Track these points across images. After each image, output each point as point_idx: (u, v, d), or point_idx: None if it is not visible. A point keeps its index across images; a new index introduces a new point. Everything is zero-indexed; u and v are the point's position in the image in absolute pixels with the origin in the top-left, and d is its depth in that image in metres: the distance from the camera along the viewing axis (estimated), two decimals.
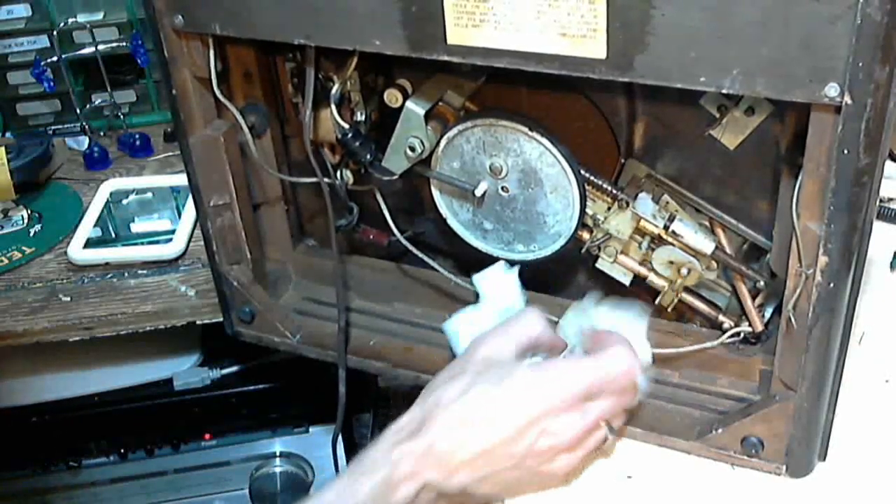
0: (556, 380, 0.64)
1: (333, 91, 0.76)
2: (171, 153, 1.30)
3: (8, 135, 1.35)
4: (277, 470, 1.28)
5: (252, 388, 1.23)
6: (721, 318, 0.77)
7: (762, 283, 0.75)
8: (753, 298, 0.77)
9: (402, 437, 0.64)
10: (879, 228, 0.80)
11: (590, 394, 0.65)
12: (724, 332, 0.76)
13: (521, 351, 0.68)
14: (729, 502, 0.72)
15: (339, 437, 1.03)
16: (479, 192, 0.76)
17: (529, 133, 0.72)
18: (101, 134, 1.33)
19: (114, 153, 1.31)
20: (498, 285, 0.76)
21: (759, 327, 0.76)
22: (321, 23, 0.64)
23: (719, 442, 0.73)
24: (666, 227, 0.76)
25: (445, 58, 0.62)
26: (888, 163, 0.75)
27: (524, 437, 0.63)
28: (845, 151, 0.56)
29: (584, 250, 0.78)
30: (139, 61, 1.26)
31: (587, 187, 0.76)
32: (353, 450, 1.25)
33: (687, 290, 0.78)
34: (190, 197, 0.87)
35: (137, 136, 1.31)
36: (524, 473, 0.65)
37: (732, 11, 0.53)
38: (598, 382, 0.65)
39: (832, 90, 0.53)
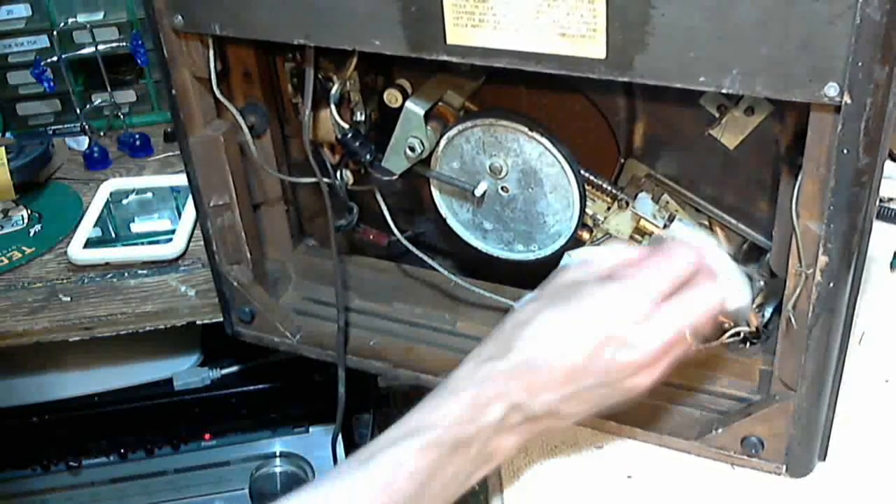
0: (626, 289, 0.63)
1: (333, 91, 0.76)
2: (171, 153, 1.30)
3: (8, 135, 1.35)
4: (277, 470, 1.28)
5: (252, 388, 1.23)
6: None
7: (762, 283, 0.75)
8: (752, 298, 0.76)
9: (484, 357, 0.63)
10: (879, 228, 0.80)
11: (659, 296, 0.63)
12: (724, 331, 0.76)
13: (607, 274, 0.65)
14: (729, 502, 0.72)
15: (339, 437, 1.03)
16: (478, 192, 0.76)
17: (529, 133, 0.72)
18: (101, 134, 1.33)
19: (114, 153, 1.31)
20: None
21: (754, 325, 0.76)
22: (321, 23, 0.64)
23: (719, 442, 0.73)
24: (666, 227, 0.76)
25: (445, 58, 0.62)
26: (888, 163, 0.75)
27: (603, 352, 0.62)
28: (845, 151, 0.56)
29: None
30: (139, 61, 1.26)
31: (587, 187, 0.76)
32: (353, 450, 1.25)
33: None
34: (190, 197, 0.87)
35: (137, 136, 1.31)
36: (609, 390, 0.63)
37: (732, 11, 0.53)
38: (664, 280, 0.63)
39: (832, 90, 0.53)
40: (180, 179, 1.20)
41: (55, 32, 1.25)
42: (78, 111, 1.29)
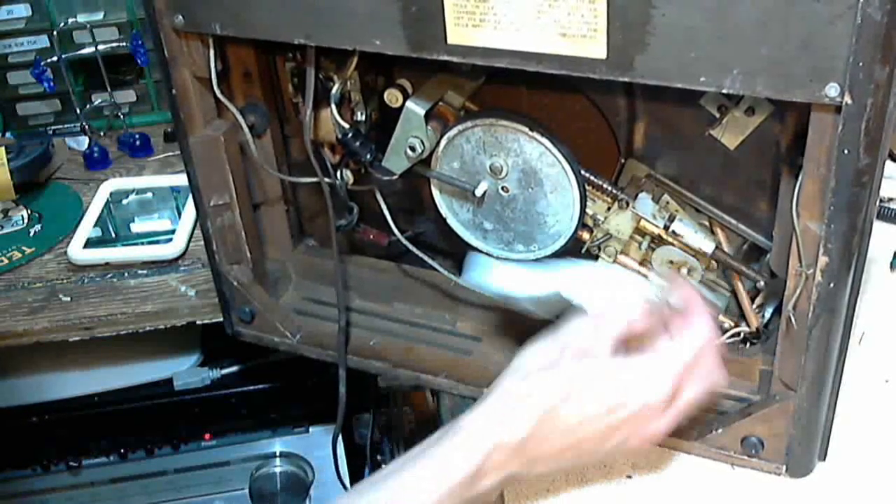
0: (649, 377, 0.63)
1: (333, 91, 0.76)
2: (171, 153, 1.30)
3: (8, 135, 1.35)
4: (277, 470, 1.28)
5: (252, 388, 1.23)
6: (721, 318, 0.77)
7: (762, 283, 0.75)
8: (752, 298, 0.77)
9: (490, 422, 0.63)
10: (879, 228, 0.80)
11: (679, 386, 0.64)
12: (724, 332, 0.76)
13: (616, 344, 0.65)
14: (729, 502, 0.72)
15: (339, 437, 1.03)
16: (479, 192, 0.76)
17: (529, 133, 0.72)
18: (101, 134, 1.33)
19: (114, 153, 1.31)
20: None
21: (754, 325, 0.76)
22: (321, 23, 0.64)
23: (719, 442, 0.73)
24: (666, 227, 0.76)
25: (445, 58, 0.62)
26: (888, 163, 0.75)
27: (616, 435, 0.63)
28: (845, 151, 0.56)
29: (584, 250, 0.78)
30: (139, 61, 1.26)
31: (587, 187, 0.76)
32: (353, 450, 1.26)
33: None
34: (190, 197, 0.87)
35: (137, 136, 1.31)
36: (602, 457, 0.65)
37: (732, 11, 0.53)
38: (684, 369, 0.64)
39: (832, 90, 0.53)
40: (180, 179, 1.20)
41: (55, 32, 1.25)
42: (78, 111, 1.29)
